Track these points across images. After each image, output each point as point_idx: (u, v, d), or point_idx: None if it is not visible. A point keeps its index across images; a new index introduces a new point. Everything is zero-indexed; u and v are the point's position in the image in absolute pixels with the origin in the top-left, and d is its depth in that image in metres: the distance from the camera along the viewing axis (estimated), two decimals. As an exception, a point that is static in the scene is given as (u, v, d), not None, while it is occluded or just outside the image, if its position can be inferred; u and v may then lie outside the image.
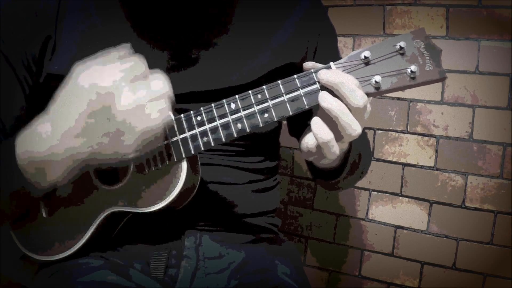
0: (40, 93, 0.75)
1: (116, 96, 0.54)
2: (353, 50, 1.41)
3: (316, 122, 0.60)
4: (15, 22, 0.71)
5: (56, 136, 0.56)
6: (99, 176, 0.70)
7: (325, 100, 0.58)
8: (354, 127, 0.58)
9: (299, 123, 0.69)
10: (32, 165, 0.58)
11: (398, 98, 1.35)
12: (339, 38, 1.38)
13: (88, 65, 0.57)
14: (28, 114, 0.76)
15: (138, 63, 0.56)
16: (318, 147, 0.61)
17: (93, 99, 0.54)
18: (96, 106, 0.54)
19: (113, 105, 0.54)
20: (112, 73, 0.55)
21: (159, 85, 0.56)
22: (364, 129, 0.94)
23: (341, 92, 0.58)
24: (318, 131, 0.59)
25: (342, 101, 0.58)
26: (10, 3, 0.72)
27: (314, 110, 0.62)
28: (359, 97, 0.57)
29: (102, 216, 0.69)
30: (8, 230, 0.75)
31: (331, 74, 0.59)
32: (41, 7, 0.71)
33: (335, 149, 0.60)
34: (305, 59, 0.79)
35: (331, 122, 0.59)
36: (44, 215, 0.72)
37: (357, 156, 0.76)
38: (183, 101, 0.73)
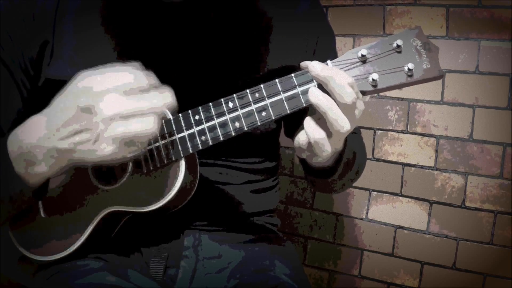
0: (38, 96, 0.75)
1: (103, 102, 0.54)
2: (353, 50, 1.41)
3: (309, 121, 0.61)
4: (13, 25, 0.71)
5: (44, 130, 0.57)
6: (97, 175, 0.70)
7: (314, 95, 0.59)
8: (341, 123, 0.58)
9: (295, 124, 0.69)
10: (21, 157, 0.59)
11: (398, 98, 1.35)
12: (339, 38, 1.38)
13: (89, 72, 0.57)
14: (25, 117, 0.76)
15: (139, 77, 0.56)
16: (310, 144, 0.62)
17: (82, 101, 0.55)
18: (82, 108, 0.55)
19: (97, 110, 0.54)
20: (108, 81, 0.55)
21: (154, 100, 0.56)
22: (359, 129, 0.94)
23: (330, 87, 0.58)
24: (310, 130, 0.60)
25: (330, 96, 0.59)
26: (7, 7, 0.72)
27: (311, 108, 0.62)
28: (347, 94, 0.58)
29: (100, 216, 0.69)
30: (7, 230, 0.75)
31: (321, 67, 0.59)
32: (38, 11, 0.71)
33: (327, 148, 0.60)
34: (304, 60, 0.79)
35: (322, 120, 0.60)
36: (42, 215, 0.72)
37: (352, 155, 0.76)
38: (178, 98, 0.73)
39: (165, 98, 0.57)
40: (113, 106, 0.54)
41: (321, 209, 1.50)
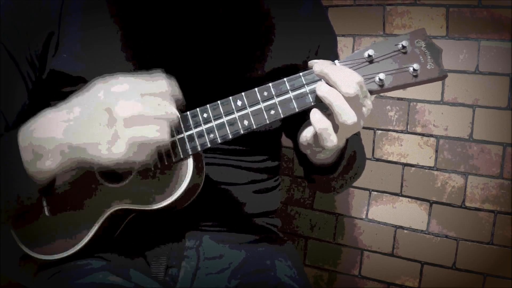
0: (43, 89, 0.75)
1: (122, 102, 0.55)
2: (353, 50, 1.41)
3: (314, 112, 0.62)
4: (19, 17, 0.71)
5: (58, 126, 0.58)
6: (103, 173, 0.70)
7: (320, 88, 0.60)
8: (346, 116, 0.59)
9: (296, 124, 0.70)
10: (30, 150, 0.59)
11: (398, 98, 1.35)
12: (339, 38, 1.38)
13: (111, 76, 0.59)
14: (30, 109, 0.76)
15: (160, 84, 0.58)
16: (315, 137, 0.63)
17: (100, 100, 0.56)
18: (100, 107, 0.56)
19: (116, 110, 0.55)
20: (129, 84, 0.57)
21: (168, 106, 0.58)
22: (358, 131, 0.94)
23: (331, 82, 0.60)
24: (315, 120, 0.61)
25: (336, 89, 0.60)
26: None
27: (318, 106, 0.63)
28: (348, 85, 0.59)
29: (105, 215, 0.69)
30: (8, 229, 0.75)
31: (320, 64, 0.61)
32: (43, 5, 0.71)
33: (332, 138, 0.61)
34: (308, 60, 0.79)
35: (328, 112, 0.61)
36: (46, 213, 0.72)
37: (352, 153, 0.77)
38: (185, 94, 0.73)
39: (173, 103, 0.58)
40: (132, 108, 0.55)
41: (321, 209, 1.50)
